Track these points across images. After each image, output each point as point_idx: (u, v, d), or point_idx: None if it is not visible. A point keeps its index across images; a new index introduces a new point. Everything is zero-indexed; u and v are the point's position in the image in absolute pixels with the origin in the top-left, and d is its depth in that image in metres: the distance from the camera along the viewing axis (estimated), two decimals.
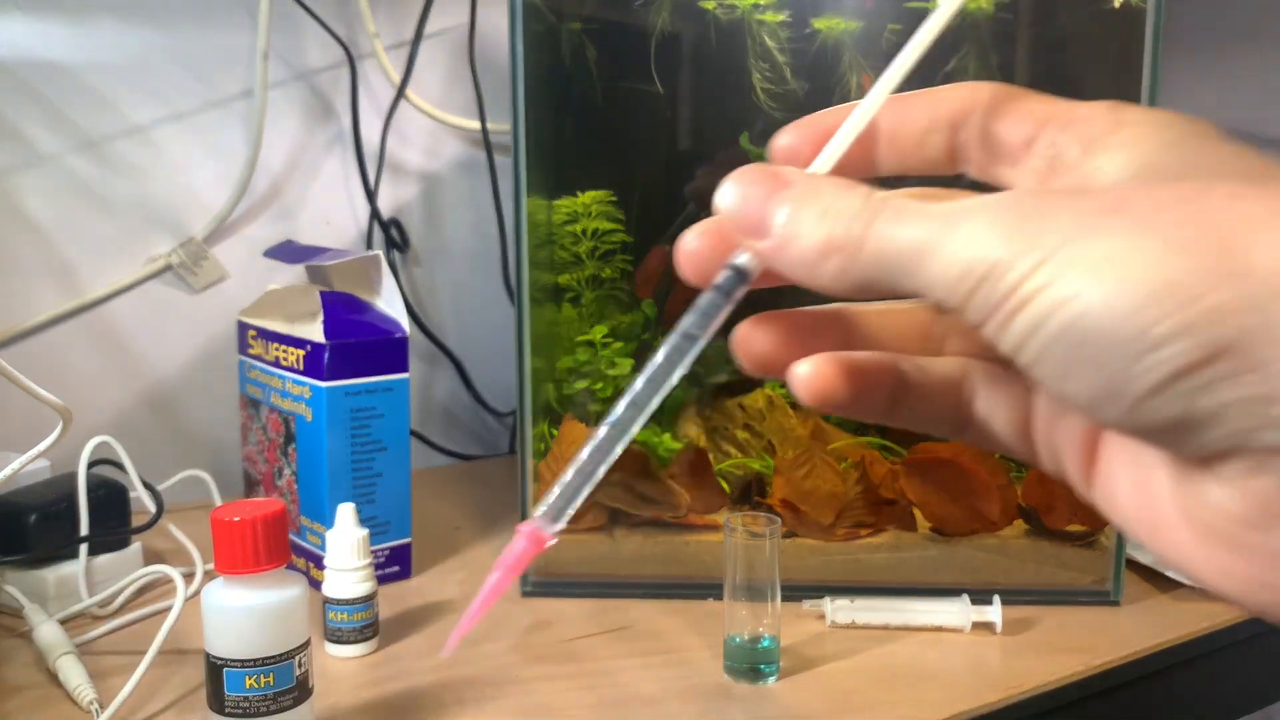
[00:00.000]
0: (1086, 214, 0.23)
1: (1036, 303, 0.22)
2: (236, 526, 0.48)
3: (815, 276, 0.27)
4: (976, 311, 0.24)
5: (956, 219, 0.24)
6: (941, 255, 0.24)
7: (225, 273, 0.97)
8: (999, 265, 0.23)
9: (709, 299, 0.30)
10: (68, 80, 0.89)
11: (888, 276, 0.25)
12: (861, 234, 0.25)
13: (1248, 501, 0.22)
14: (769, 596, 0.61)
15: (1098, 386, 0.22)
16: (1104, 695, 0.64)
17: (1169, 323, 0.21)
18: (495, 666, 0.62)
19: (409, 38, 1.04)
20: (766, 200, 0.27)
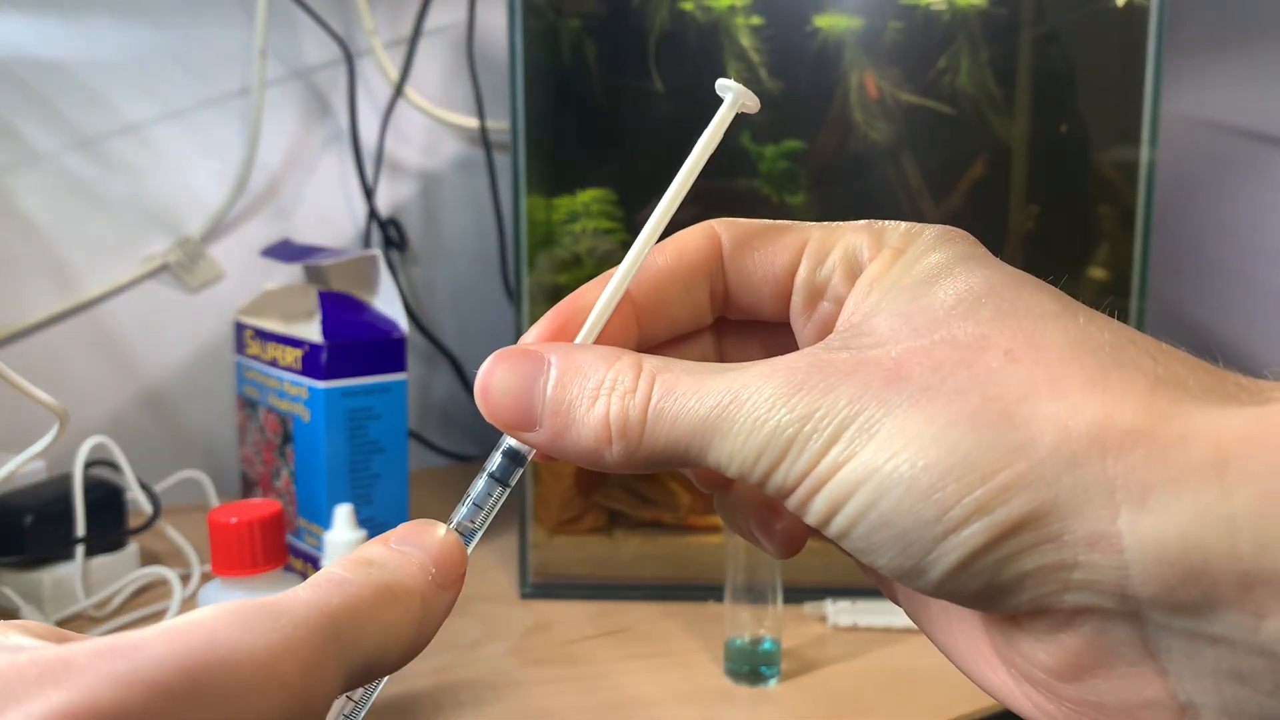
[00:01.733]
0: (873, 383, 0.23)
1: (833, 482, 0.22)
2: (234, 528, 0.48)
3: (599, 462, 0.25)
4: (775, 489, 0.23)
5: (743, 394, 0.23)
6: (733, 435, 0.23)
7: (222, 272, 0.96)
8: (794, 443, 0.23)
9: (484, 488, 0.28)
10: (64, 78, 0.88)
11: (677, 458, 0.24)
12: (640, 415, 0.24)
13: (1058, 656, 0.23)
14: (770, 598, 0.60)
15: (902, 563, 0.22)
16: None
17: (965, 504, 0.21)
18: (494, 669, 0.62)
19: (407, 35, 1.03)
20: (529, 387, 0.26)
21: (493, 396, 0.26)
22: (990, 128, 0.73)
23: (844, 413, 0.22)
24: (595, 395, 0.25)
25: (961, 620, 0.26)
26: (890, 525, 0.22)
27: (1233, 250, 1.04)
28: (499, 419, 0.26)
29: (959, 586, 0.22)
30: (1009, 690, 0.25)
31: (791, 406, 0.23)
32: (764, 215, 0.29)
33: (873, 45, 0.72)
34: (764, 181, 0.73)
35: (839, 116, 0.73)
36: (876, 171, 0.74)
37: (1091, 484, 0.21)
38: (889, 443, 0.22)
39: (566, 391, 0.25)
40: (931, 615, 0.27)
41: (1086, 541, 0.21)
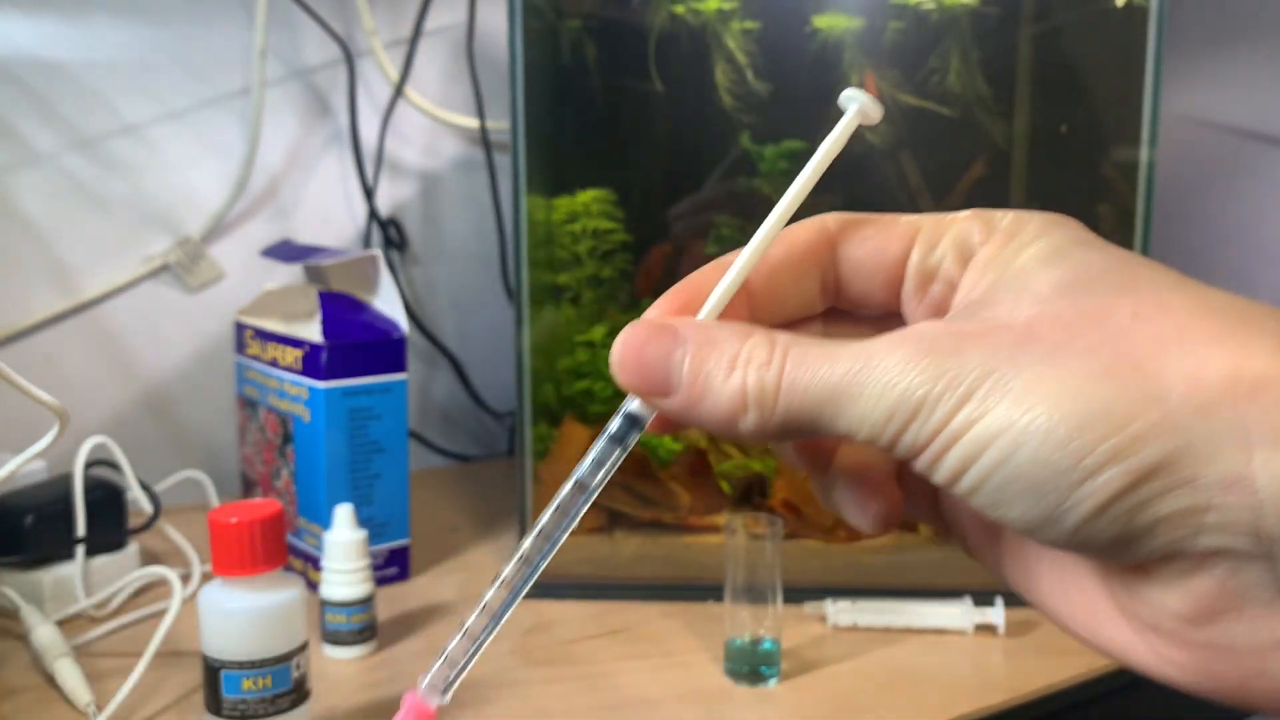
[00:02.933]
0: (1003, 346, 0.23)
1: (967, 439, 0.23)
2: (234, 528, 0.48)
3: (733, 429, 0.26)
4: (906, 450, 0.24)
5: (868, 361, 0.24)
6: (863, 399, 0.24)
7: (222, 272, 0.96)
8: (925, 404, 0.23)
9: (603, 448, 0.29)
10: (63, 78, 0.88)
11: (809, 425, 0.25)
12: (775, 384, 0.25)
13: (1188, 601, 0.23)
14: (770, 598, 0.60)
15: (1036, 514, 0.23)
16: (1106, 698, 0.64)
17: (1101, 451, 0.22)
18: (494, 669, 0.62)
19: (407, 35, 1.03)
20: (666, 358, 0.27)
21: (630, 365, 0.27)
22: (990, 128, 0.73)
23: (975, 373, 0.23)
24: (731, 367, 0.26)
25: (1077, 579, 0.27)
26: (1025, 477, 0.23)
27: (1233, 250, 1.04)
28: (636, 386, 0.27)
29: (1093, 534, 0.23)
30: (1129, 644, 0.25)
31: (922, 369, 0.24)
32: (763, 215, 0.30)
33: (873, 46, 0.72)
34: (764, 182, 0.73)
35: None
36: (877, 172, 0.74)
37: (1224, 429, 0.22)
38: (1023, 398, 0.23)
39: (704, 363, 0.26)
40: (1041, 580, 0.28)
41: (1221, 484, 0.22)
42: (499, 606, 0.30)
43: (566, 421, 0.76)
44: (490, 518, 0.91)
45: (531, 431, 0.73)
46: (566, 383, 0.76)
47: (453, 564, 0.80)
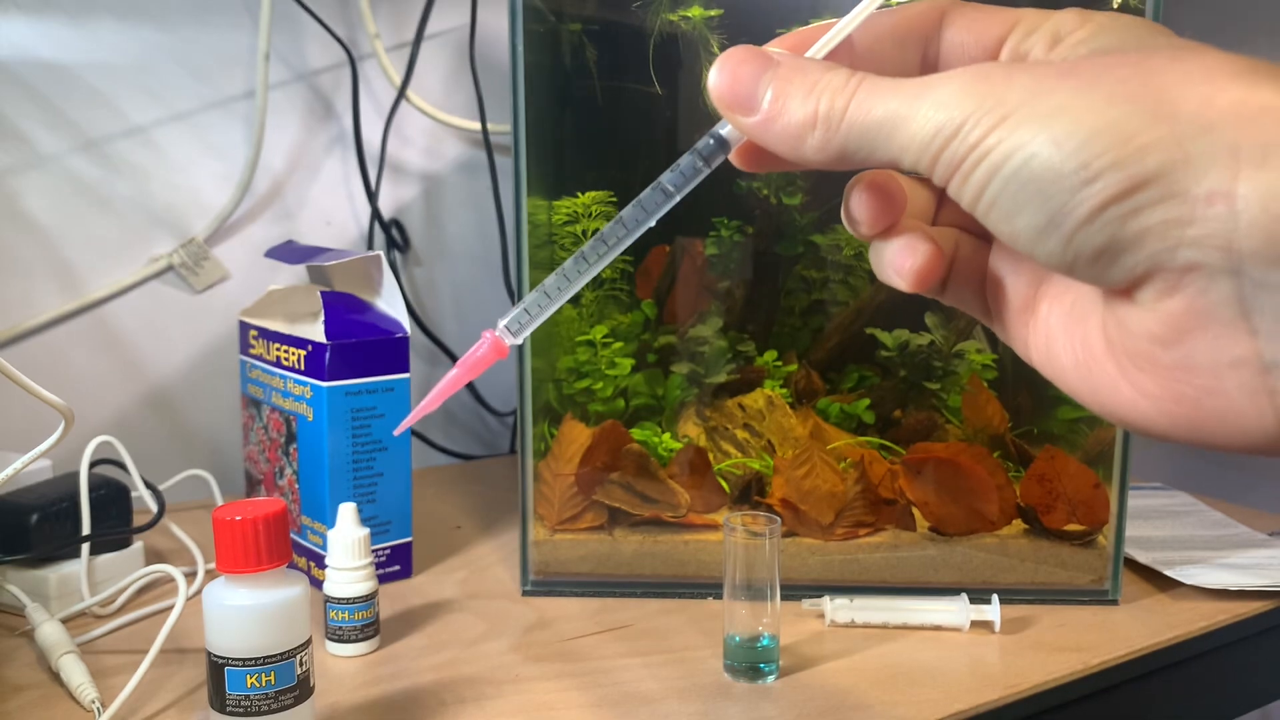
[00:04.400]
0: (1044, 78, 0.26)
1: (995, 153, 0.26)
2: (238, 526, 0.49)
3: (798, 149, 0.29)
4: (943, 169, 0.27)
5: (927, 89, 0.27)
6: (914, 121, 0.27)
7: (226, 273, 0.97)
8: (964, 124, 0.26)
9: (688, 161, 0.33)
10: (68, 80, 0.89)
11: (866, 146, 0.28)
12: (844, 107, 0.28)
13: (1161, 321, 0.25)
14: (768, 596, 0.61)
15: (1040, 220, 0.26)
16: (1102, 694, 0.64)
17: (1103, 159, 0.24)
18: (495, 665, 0.62)
19: (410, 38, 1.04)
20: (756, 78, 0.30)
21: (724, 79, 0.30)
22: None
23: (1016, 98, 0.26)
24: (810, 90, 0.29)
25: (1074, 324, 0.29)
26: (1036, 181, 0.25)
27: None
28: (724, 99, 0.30)
29: (1084, 242, 0.25)
30: (1114, 383, 0.28)
31: (970, 95, 0.26)
32: (764, 215, 0.31)
33: None
34: (762, 183, 0.73)
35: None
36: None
37: (1220, 147, 0.24)
38: (1049, 117, 0.25)
39: (788, 85, 0.30)
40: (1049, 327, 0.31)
41: (1205, 198, 0.24)
42: (571, 269, 0.34)
43: (567, 421, 0.76)
44: (492, 516, 0.91)
45: (533, 430, 0.73)
46: (567, 382, 0.77)
47: (455, 561, 0.80)
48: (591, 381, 0.76)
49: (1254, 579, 0.74)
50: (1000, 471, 0.74)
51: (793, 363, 0.77)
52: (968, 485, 0.74)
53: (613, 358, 0.76)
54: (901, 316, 0.76)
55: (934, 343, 0.76)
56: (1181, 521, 0.90)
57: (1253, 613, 0.71)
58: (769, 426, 0.76)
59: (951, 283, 0.34)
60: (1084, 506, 0.73)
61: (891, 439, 0.76)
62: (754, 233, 0.75)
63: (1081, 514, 0.73)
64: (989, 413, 0.76)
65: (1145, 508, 0.93)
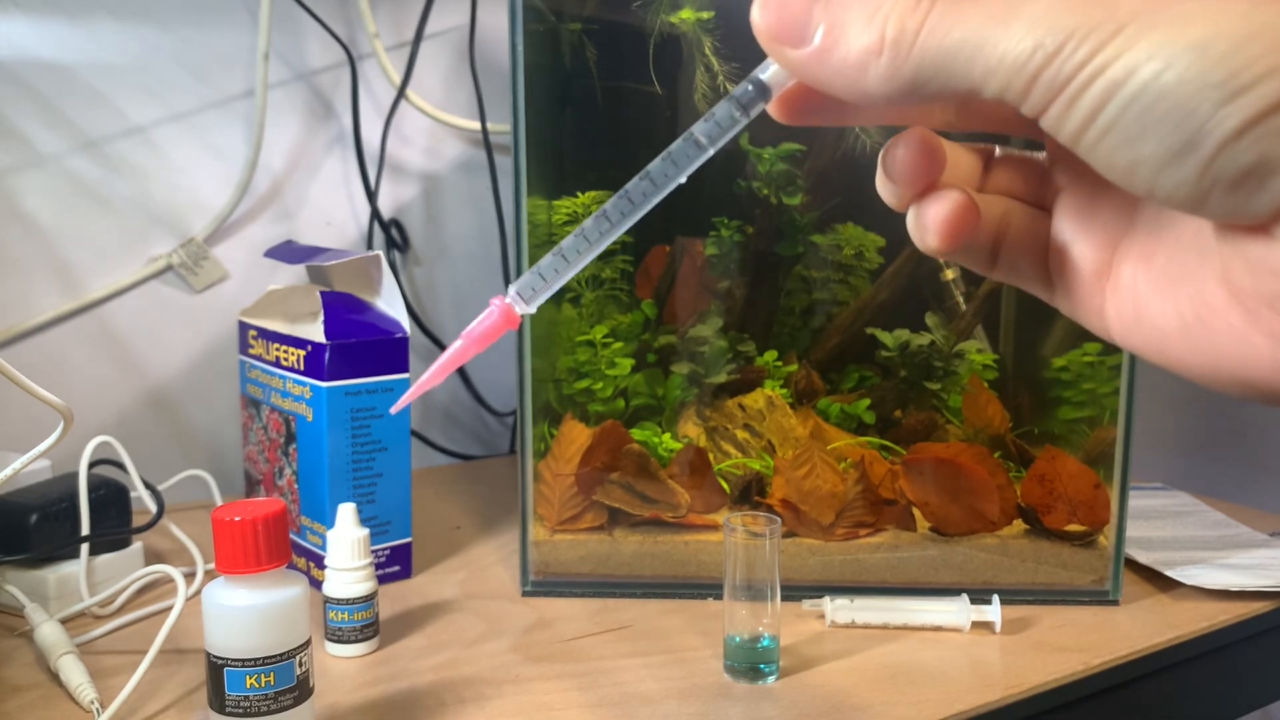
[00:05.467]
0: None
1: (1114, 69, 0.22)
2: (237, 526, 0.49)
3: (859, 81, 0.26)
4: (1041, 94, 0.23)
5: (1018, 4, 0.23)
6: (1006, 37, 0.23)
7: (226, 273, 0.97)
8: (1073, 38, 0.22)
9: (724, 109, 0.29)
10: (68, 80, 0.89)
11: (942, 73, 0.24)
12: (917, 27, 0.24)
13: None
14: (769, 596, 0.61)
15: (1174, 142, 0.22)
16: (1103, 695, 0.64)
17: (1257, 66, 0.21)
18: (495, 666, 0.62)
19: (409, 38, 1.04)
20: (808, 5, 0.26)
21: (770, 9, 0.27)
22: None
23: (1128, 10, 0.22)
24: (873, 13, 0.25)
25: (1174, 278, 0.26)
26: (1168, 97, 0.22)
27: None
28: (771, 31, 0.27)
29: (1228, 163, 0.22)
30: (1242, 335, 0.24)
31: (1074, 7, 0.23)
32: (764, 215, 0.30)
33: None
34: (762, 183, 0.73)
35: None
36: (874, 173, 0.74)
37: None
38: (1180, 23, 0.22)
39: (845, 10, 0.26)
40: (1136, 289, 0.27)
41: None
42: (592, 230, 0.30)
43: (567, 421, 0.76)
44: (492, 516, 0.91)
45: (532, 431, 0.73)
46: (567, 382, 0.77)
47: (455, 562, 0.80)
48: (591, 381, 0.76)
49: (1255, 579, 0.74)
50: (1001, 472, 0.74)
51: (793, 363, 0.77)
52: (968, 485, 0.74)
53: (613, 358, 0.76)
54: (902, 316, 0.76)
55: (934, 343, 0.76)
56: (1182, 522, 0.89)
57: (1253, 613, 0.71)
58: (769, 427, 0.76)
59: (1004, 254, 0.31)
60: (1085, 507, 0.73)
61: (892, 439, 0.76)
62: (754, 232, 0.75)
63: (1082, 514, 0.73)
64: (989, 413, 0.75)
65: (1146, 508, 0.93)
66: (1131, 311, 0.27)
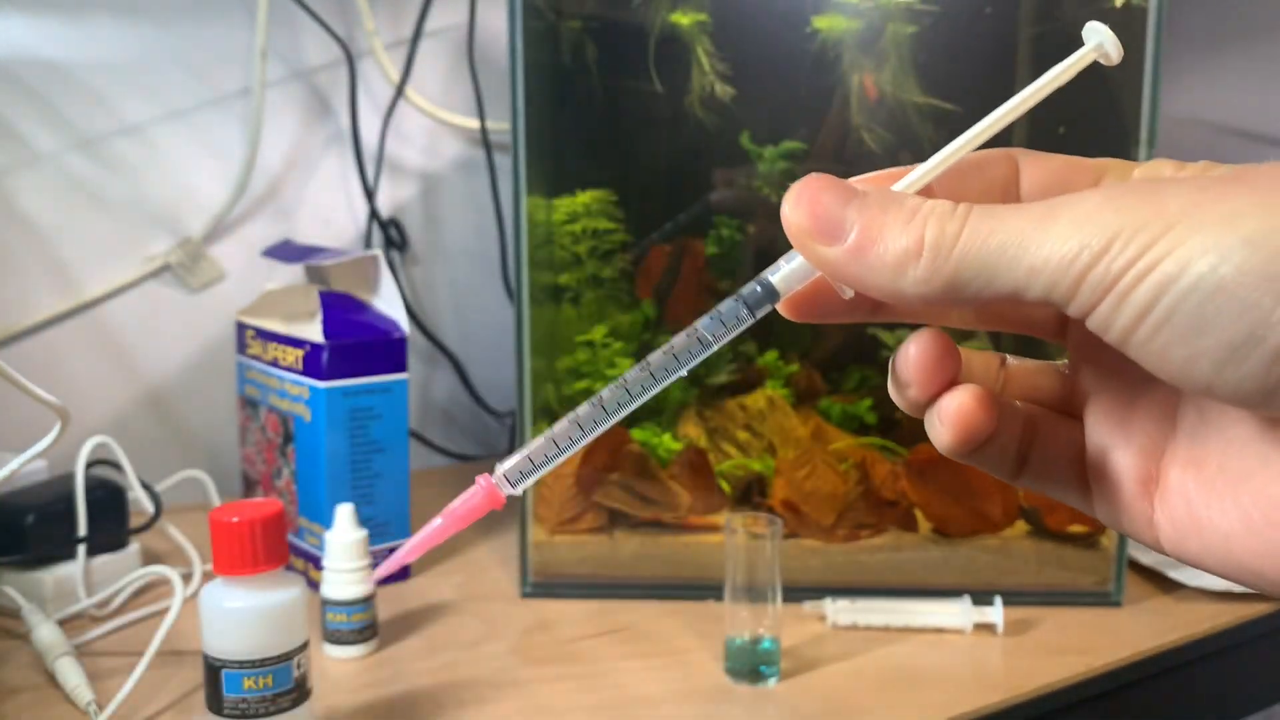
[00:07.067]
0: (1205, 188, 0.22)
1: (1165, 264, 0.22)
2: (235, 527, 0.48)
3: (895, 282, 0.25)
4: (1089, 293, 0.23)
5: (1059, 208, 0.23)
6: (1049, 238, 0.23)
7: (223, 273, 0.96)
8: (1120, 237, 0.22)
9: (730, 308, 0.29)
10: (64, 79, 0.88)
11: (984, 274, 0.24)
12: (957, 231, 0.24)
13: None
14: (770, 598, 0.60)
15: (1235, 335, 0.22)
16: (1105, 696, 0.64)
17: None
18: (495, 667, 0.62)
19: (408, 36, 1.03)
20: (843, 205, 0.26)
21: (803, 206, 0.26)
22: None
23: (1178, 207, 0.22)
24: (911, 216, 0.25)
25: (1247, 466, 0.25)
26: (1228, 289, 0.21)
27: None
28: (803, 228, 0.26)
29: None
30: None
31: (1119, 207, 0.23)
32: (763, 216, 0.30)
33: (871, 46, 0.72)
34: (763, 182, 0.73)
35: (838, 118, 0.73)
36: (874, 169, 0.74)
37: None
38: (1230, 220, 0.21)
39: (884, 212, 0.26)
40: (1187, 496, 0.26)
41: None
42: (586, 417, 0.30)
43: None
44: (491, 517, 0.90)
45: (532, 431, 0.73)
46: (566, 383, 0.76)
47: (453, 564, 0.80)
48: (591, 382, 0.76)
49: None
50: None
51: (794, 363, 0.76)
52: (970, 486, 0.74)
53: (612, 358, 0.76)
54: None
55: None
56: None
57: (1256, 615, 0.70)
58: (770, 427, 0.76)
59: (1033, 462, 0.30)
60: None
61: (893, 440, 0.75)
62: (754, 232, 0.74)
63: (1083, 516, 0.73)
64: None
65: None
66: (1186, 518, 0.26)
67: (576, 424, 0.30)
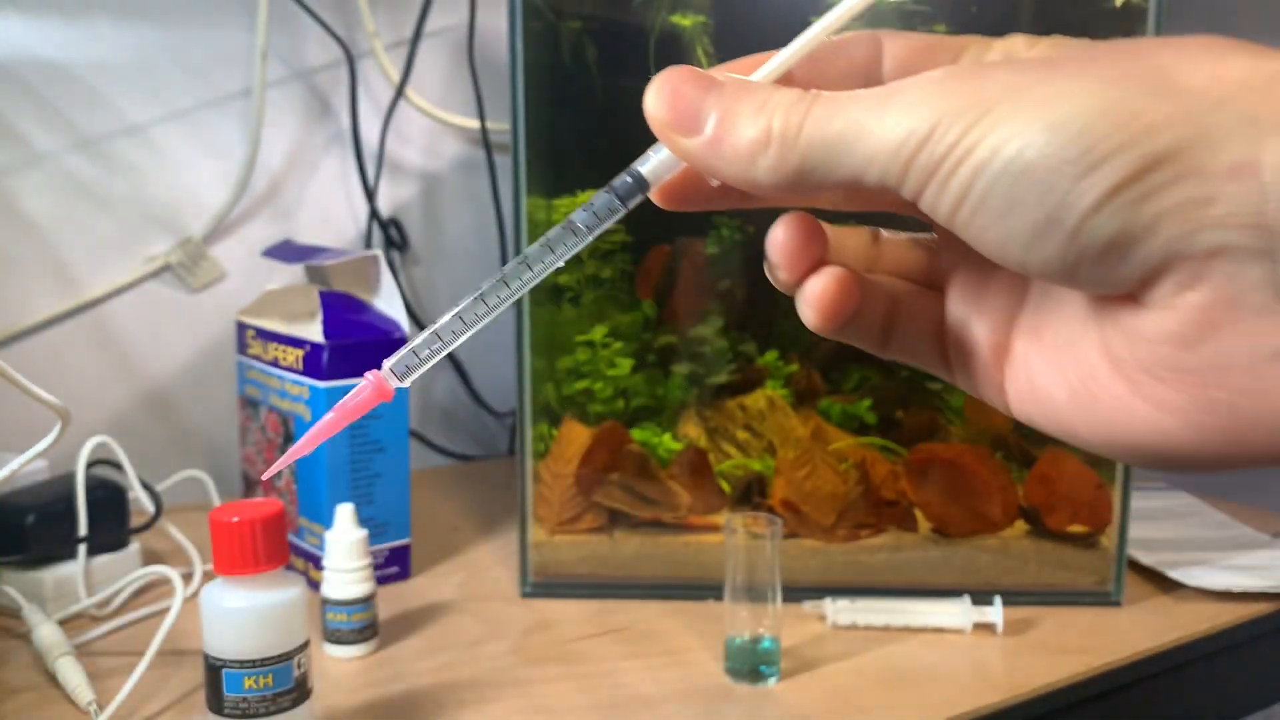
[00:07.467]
0: (1025, 71, 0.24)
1: (980, 149, 0.23)
2: (235, 527, 0.48)
3: (749, 171, 0.27)
4: (916, 177, 0.24)
5: (892, 94, 0.25)
6: (881, 126, 0.24)
7: (224, 272, 0.97)
8: (941, 123, 0.23)
9: (603, 200, 0.30)
10: (65, 79, 0.88)
11: (826, 162, 0.25)
12: (800, 121, 0.26)
13: (1181, 318, 0.23)
14: (770, 597, 0.61)
15: (1039, 216, 0.23)
16: (1105, 696, 0.64)
17: (1109, 141, 0.22)
18: (495, 667, 0.62)
19: (408, 36, 1.03)
20: (700, 98, 0.27)
21: (664, 100, 0.28)
22: None
23: (996, 91, 0.23)
24: (760, 107, 0.26)
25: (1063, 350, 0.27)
26: (1031, 173, 0.23)
27: None
28: (664, 120, 0.28)
29: (1091, 234, 0.23)
30: (1128, 406, 0.25)
31: (943, 92, 0.24)
32: (762, 216, 0.30)
33: None
34: None
35: None
36: None
37: (1235, 119, 0.22)
38: (1040, 104, 0.23)
39: (736, 103, 0.27)
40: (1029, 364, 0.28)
41: (1227, 172, 0.21)
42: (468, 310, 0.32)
43: (566, 421, 0.76)
44: (491, 517, 0.91)
45: (532, 431, 0.73)
46: (566, 382, 0.76)
47: (453, 563, 0.80)
48: (591, 382, 0.76)
49: (1257, 580, 0.73)
50: (1003, 472, 0.74)
51: (794, 363, 0.76)
52: (970, 486, 0.74)
53: (612, 358, 0.76)
54: None
55: None
56: (1184, 523, 0.89)
57: (1256, 615, 0.70)
58: (770, 427, 0.76)
59: (897, 335, 0.31)
60: (1087, 508, 0.73)
61: (893, 440, 0.75)
62: (755, 232, 0.74)
63: (1084, 515, 0.73)
64: (991, 413, 0.75)
65: (1148, 509, 0.92)
66: (1026, 385, 0.28)
67: (459, 318, 0.32)
